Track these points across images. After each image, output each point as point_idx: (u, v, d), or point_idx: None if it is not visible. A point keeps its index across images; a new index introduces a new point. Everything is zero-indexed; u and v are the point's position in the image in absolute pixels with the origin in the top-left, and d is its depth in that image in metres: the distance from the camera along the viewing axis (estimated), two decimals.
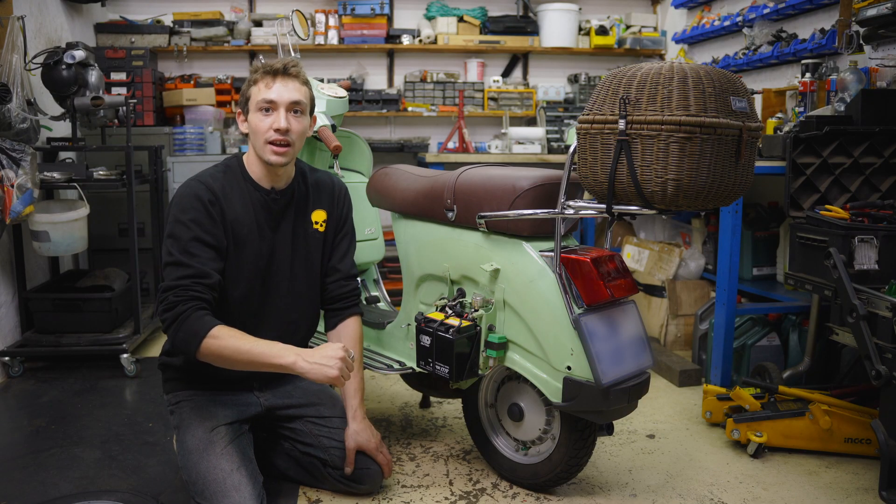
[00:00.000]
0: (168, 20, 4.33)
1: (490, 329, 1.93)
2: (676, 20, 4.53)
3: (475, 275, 1.98)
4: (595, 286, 1.76)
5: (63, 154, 3.44)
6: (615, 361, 1.76)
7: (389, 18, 4.56)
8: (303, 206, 1.99)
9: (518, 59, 4.81)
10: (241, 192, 1.88)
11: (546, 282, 1.80)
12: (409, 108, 4.50)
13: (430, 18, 4.58)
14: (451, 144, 4.36)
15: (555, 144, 4.36)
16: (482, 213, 1.92)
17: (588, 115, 1.67)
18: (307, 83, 1.90)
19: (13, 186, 2.68)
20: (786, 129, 2.74)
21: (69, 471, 2.10)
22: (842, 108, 2.60)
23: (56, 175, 3.02)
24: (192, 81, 4.29)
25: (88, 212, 3.05)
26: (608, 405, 1.74)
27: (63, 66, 2.98)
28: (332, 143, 2.25)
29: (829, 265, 2.07)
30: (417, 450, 2.28)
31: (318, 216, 2.01)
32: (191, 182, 1.85)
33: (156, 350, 3.30)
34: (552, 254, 1.81)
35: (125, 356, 2.95)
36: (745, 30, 3.52)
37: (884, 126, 2.43)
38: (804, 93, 2.88)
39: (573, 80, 4.71)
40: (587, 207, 1.76)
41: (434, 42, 4.49)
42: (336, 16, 4.43)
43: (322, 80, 2.69)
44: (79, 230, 3.04)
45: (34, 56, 3.00)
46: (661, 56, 4.71)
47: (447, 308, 2.00)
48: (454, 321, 1.92)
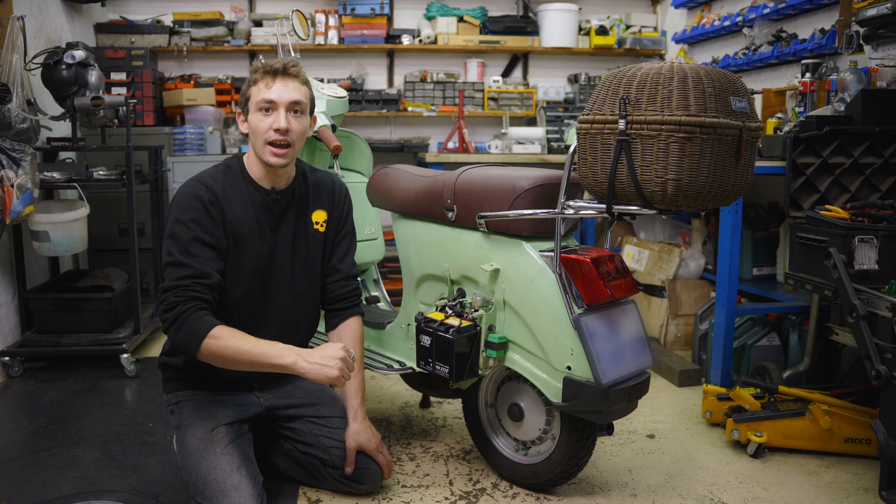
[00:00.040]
0: (168, 20, 4.33)
1: (490, 329, 1.93)
2: (676, 20, 4.53)
3: (475, 275, 1.98)
4: (595, 286, 1.76)
5: (63, 154, 3.44)
6: (615, 361, 1.76)
7: (389, 18, 4.56)
8: (303, 207, 1.99)
9: (518, 59, 4.81)
10: (242, 193, 1.88)
11: (546, 282, 1.80)
12: (409, 108, 4.50)
13: (430, 18, 4.58)
14: (451, 144, 4.36)
15: (555, 144, 4.36)
16: (482, 213, 1.92)
17: (588, 115, 1.67)
18: (307, 83, 1.90)
19: (13, 186, 2.68)
20: (786, 129, 2.74)
21: (69, 471, 2.10)
22: (842, 108, 2.60)
23: (56, 175, 3.02)
24: (192, 81, 4.29)
25: (88, 212, 3.06)
26: (608, 405, 1.74)
27: (63, 66, 2.98)
28: (332, 143, 2.25)
29: (829, 265, 2.07)
30: (417, 450, 2.28)
31: (319, 216, 2.01)
32: (191, 182, 1.85)
33: (156, 350, 3.30)
34: (552, 254, 1.81)
35: (125, 356, 2.95)
36: (745, 30, 3.52)
37: (884, 126, 2.43)
38: (804, 93, 2.88)
39: (573, 80, 4.71)
40: (587, 207, 1.76)
41: (434, 42, 4.49)
42: (336, 16, 4.43)
43: (322, 80, 2.69)
44: (79, 230, 3.04)
45: (34, 56, 3.00)
46: (661, 56, 4.71)
47: (447, 308, 2.00)
48: (454, 321, 1.92)
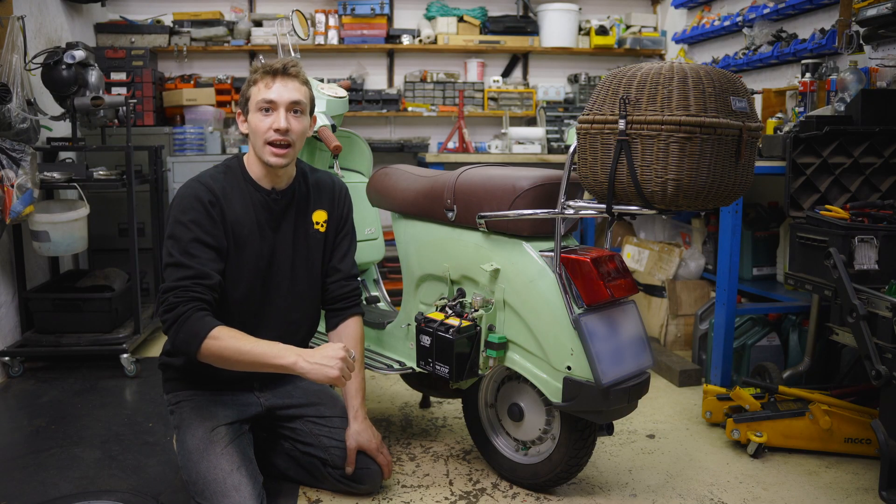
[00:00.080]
0: (168, 20, 4.33)
1: (490, 329, 1.93)
2: (676, 20, 4.53)
3: (475, 275, 1.98)
4: (595, 286, 1.76)
5: (63, 154, 3.43)
6: (615, 361, 1.76)
7: (389, 18, 4.56)
8: (303, 207, 1.99)
9: (518, 59, 4.81)
10: (242, 193, 1.88)
11: (546, 282, 1.80)
12: (409, 108, 4.50)
13: (430, 18, 4.58)
14: (451, 144, 4.36)
15: (555, 144, 4.36)
16: (482, 213, 1.92)
17: (588, 115, 1.67)
18: (307, 83, 1.89)
19: (13, 186, 2.68)
20: (786, 129, 2.74)
21: (69, 471, 2.10)
22: (842, 108, 2.60)
23: (56, 175, 3.02)
24: (192, 81, 4.29)
25: (88, 212, 3.06)
26: (608, 405, 1.74)
27: (63, 66, 2.98)
28: (332, 143, 2.25)
29: (829, 265, 2.07)
30: (417, 450, 2.28)
31: (319, 216, 2.01)
32: (191, 183, 1.85)
33: (156, 350, 3.30)
34: (552, 254, 1.81)
35: (125, 356, 2.95)
36: (745, 30, 3.52)
37: (884, 126, 2.43)
38: (804, 93, 2.88)
39: (573, 80, 4.71)
40: (587, 207, 1.76)
41: (434, 42, 4.49)
42: (336, 16, 4.43)
43: (322, 80, 2.69)
44: (79, 230, 3.04)
45: (34, 56, 3.00)
46: (661, 56, 4.71)
47: (447, 308, 2.00)
48: (454, 321, 1.92)
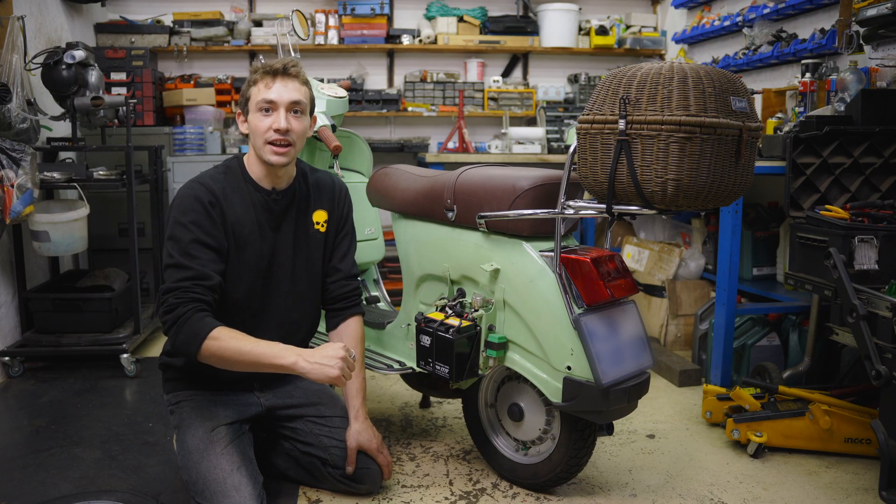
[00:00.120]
0: (168, 20, 4.33)
1: (490, 329, 1.93)
2: (676, 20, 4.53)
3: (475, 275, 1.98)
4: (595, 286, 1.76)
5: (63, 154, 3.43)
6: (615, 361, 1.76)
7: (389, 18, 4.56)
8: (304, 207, 1.99)
9: (518, 59, 4.81)
10: (242, 194, 1.88)
11: (546, 282, 1.80)
12: (409, 108, 4.50)
13: (430, 18, 4.58)
14: (451, 144, 4.36)
15: (555, 144, 4.36)
16: (482, 213, 1.92)
17: (588, 115, 1.67)
18: (307, 83, 1.89)
19: (13, 186, 2.68)
20: (786, 129, 2.74)
21: (69, 471, 2.10)
22: (842, 108, 2.60)
23: (56, 175, 3.02)
24: (192, 81, 4.29)
25: (88, 212, 3.06)
26: (608, 405, 1.74)
27: (63, 66, 2.98)
28: (332, 143, 2.25)
29: (829, 265, 2.07)
30: (417, 450, 2.28)
31: (319, 216, 2.01)
32: (191, 184, 1.85)
33: (156, 350, 3.30)
34: (552, 254, 1.81)
35: (125, 356, 2.95)
36: (745, 30, 3.52)
37: (884, 126, 2.43)
38: (804, 93, 2.88)
39: (573, 80, 4.71)
40: (587, 207, 1.76)
41: (434, 42, 4.49)
42: (336, 16, 4.43)
43: (322, 80, 2.69)
44: (79, 230, 3.04)
45: (34, 56, 3.00)
46: (661, 56, 4.71)
47: (447, 308, 2.00)
48: (454, 321, 1.92)
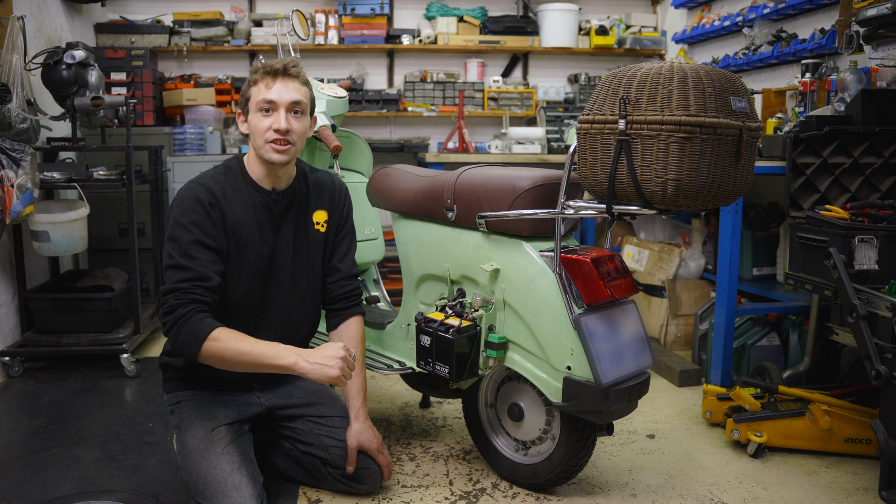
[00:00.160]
0: (168, 20, 4.33)
1: (490, 329, 1.93)
2: (676, 20, 4.53)
3: (475, 275, 1.98)
4: (595, 286, 1.76)
5: (63, 154, 3.43)
6: (615, 361, 1.76)
7: (389, 18, 4.56)
8: (304, 207, 1.99)
9: (518, 59, 4.81)
10: (242, 194, 1.88)
11: (546, 282, 1.80)
12: (409, 108, 4.50)
13: (430, 18, 4.58)
14: (451, 144, 4.36)
15: (555, 144, 4.36)
16: (482, 213, 1.92)
17: (588, 115, 1.67)
18: (307, 83, 1.89)
19: (13, 186, 2.68)
20: (786, 129, 2.74)
21: (69, 471, 2.10)
22: (842, 108, 2.60)
23: (56, 175, 3.02)
24: (192, 81, 4.29)
25: (88, 212, 3.06)
26: (608, 405, 1.74)
27: (63, 66, 2.98)
28: (332, 143, 2.25)
29: (829, 265, 2.07)
30: (417, 450, 2.28)
31: (320, 216, 2.01)
32: (191, 184, 1.85)
33: (156, 350, 3.30)
34: (552, 254, 1.81)
35: (125, 356, 2.95)
36: (745, 30, 3.52)
37: (884, 126, 2.43)
38: (804, 93, 2.88)
39: (573, 80, 4.71)
40: (587, 207, 1.76)
41: (434, 42, 4.49)
42: (336, 16, 4.43)
43: (322, 80, 2.69)
44: (79, 230, 3.04)
45: (34, 56, 3.00)
46: (661, 56, 4.71)
47: (447, 308, 2.00)
48: (454, 321, 1.92)
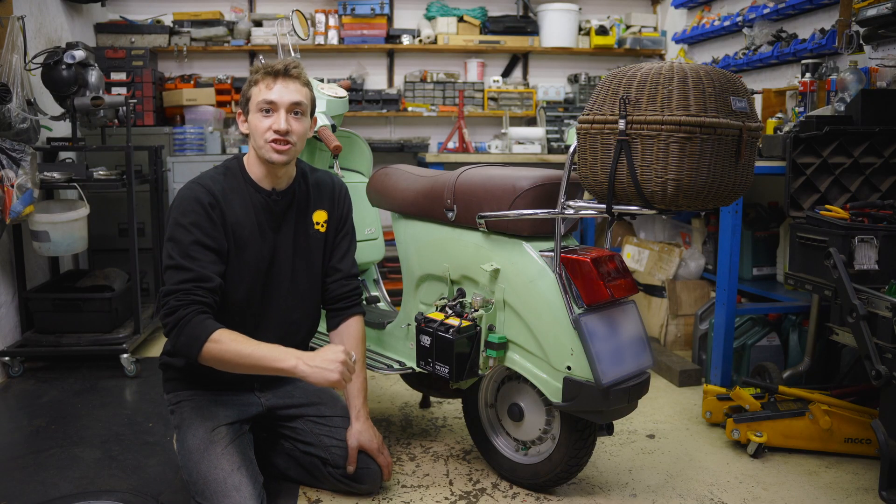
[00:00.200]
0: (168, 20, 4.33)
1: (490, 329, 1.93)
2: (676, 20, 4.53)
3: (475, 275, 1.98)
4: (595, 286, 1.76)
5: (63, 154, 3.43)
6: (615, 361, 1.76)
7: (389, 18, 4.56)
8: (304, 207, 1.99)
9: (518, 59, 4.81)
10: (242, 194, 1.88)
11: (546, 282, 1.80)
12: (409, 108, 4.50)
13: (430, 18, 4.58)
14: (451, 144, 4.36)
15: (555, 144, 4.36)
16: (482, 213, 1.92)
17: (588, 115, 1.67)
18: (308, 84, 1.89)
19: (13, 186, 2.68)
20: (786, 129, 2.74)
21: (69, 471, 2.10)
22: (842, 108, 2.60)
23: (56, 175, 3.02)
24: (192, 81, 4.29)
25: (88, 212, 3.05)
26: (608, 405, 1.74)
27: (63, 66, 2.98)
28: (332, 143, 2.25)
29: (829, 265, 2.07)
30: (417, 450, 2.28)
31: (319, 216, 2.01)
32: (191, 185, 1.85)
33: (156, 350, 3.30)
34: (552, 254, 1.81)
35: (125, 356, 2.95)
36: (745, 30, 3.52)
37: (884, 126, 2.43)
38: (804, 93, 2.88)
39: (573, 80, 4.71)
40: (587, 207, 1.76)
41: (434, 42, 4.49)
42: (336, 16, 4.43)
43: (322, 80, 2.69)
44: (79, 230, 3.04)
45: (34, 56, 3.00)
46: (661, 56, 4.71)
47: (447, 308, 2.00)
48: (454, 321, 1.92)
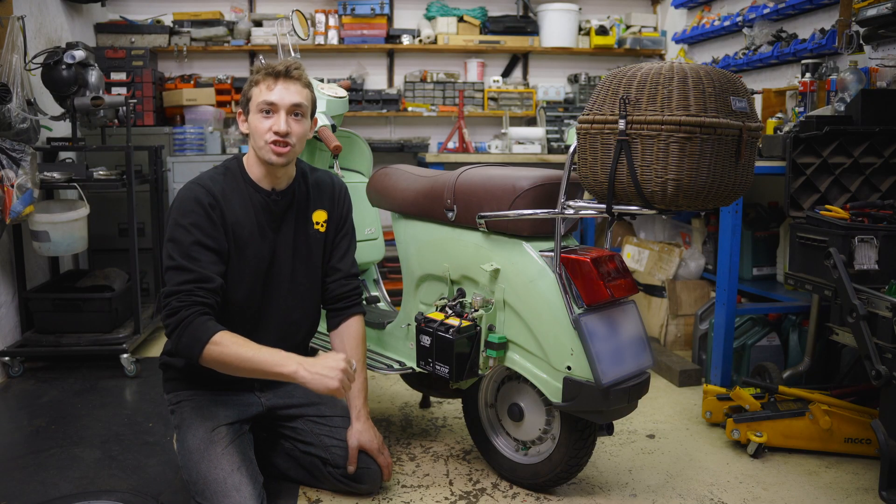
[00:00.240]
0: (168, 20, 4.33)
1: (490, 329, 1.93)
2: (676, 20, 4.53)
3: (475, 275, 1.98)
4: (595, 286, 1.76)
5: (63, 154, 3.43)
6: (615, 361, 1.76)
7: (389, 18, 4.56)
8: (304, 207, 1.99)
9: (518, 59, 4.81)
10: (242, 195, 1.88)
11: (546, 282, 1.80)
12: (409, 108, 4.50)
13: (430, 18, 4.58)
14: (451, 144, 4.36)
15: (555, 144, 4.36)
16: (482, 213, 1.92)
17: (588, 115, 1.67)
18: (309, 86, 1.88)
19: (13, 186, 2.68)
20: (786, 129, 2.74)
21: (69, 471, 2.10)
22: (842, 108, 2.60)
23: (56, 175, 3.02)
24: (192, 81, 4.29)
25: (88, 212, 3.05)
26: (608, 405, 1.74)
27: (63, 66, 2.98)
28: (332, 143, 2.25)
29: (829, 265, 2.07)
30: (417, 450, 2.28)
31: (319, 216, 2.01)
32: (191, 185, 1.84)
33: (156, 350, 3.30)
34: (552, 254, 1.81)
35: (125, 356, 2.95)
36: (745, 30, 3.52)
37: (884, 126, 2.43)
38: (804, 93, 2.88)
39: (573, 80, 4.71)
40: (587, 207, 1.76)
41: (434, 42, 4.49)
42: (336, 16, 4.43)
43: (322, 80, 2.69)
44: (79, 230, 3.04)
45: (34, 56, 3.00)
46: (661, 56, 4.71)
47: (447, 308, 2.00)
48: (454, 321, 1.92)
